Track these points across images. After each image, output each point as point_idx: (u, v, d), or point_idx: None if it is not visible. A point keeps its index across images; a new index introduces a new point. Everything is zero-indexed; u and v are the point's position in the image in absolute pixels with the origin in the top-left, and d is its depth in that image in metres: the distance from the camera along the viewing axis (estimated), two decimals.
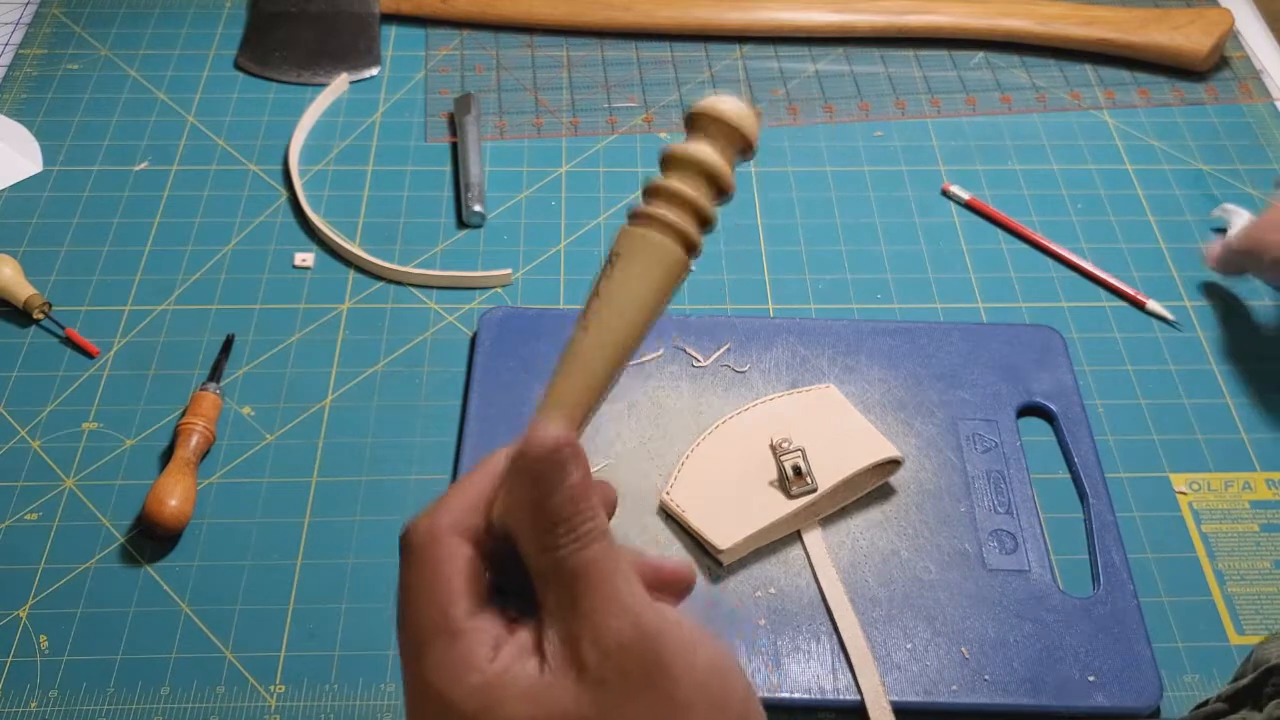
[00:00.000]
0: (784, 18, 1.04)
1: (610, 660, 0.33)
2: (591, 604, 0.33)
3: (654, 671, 0.33)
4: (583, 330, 0.37)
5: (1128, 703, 0.63)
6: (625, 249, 0.37)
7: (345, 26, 1.03)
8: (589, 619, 0.33)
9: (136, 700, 0.64)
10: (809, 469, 0.70)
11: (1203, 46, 1.00)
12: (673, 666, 0.33)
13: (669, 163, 0.38)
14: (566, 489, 0.34)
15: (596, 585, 0.33)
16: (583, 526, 0.34)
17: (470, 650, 0.34)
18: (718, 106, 0.37)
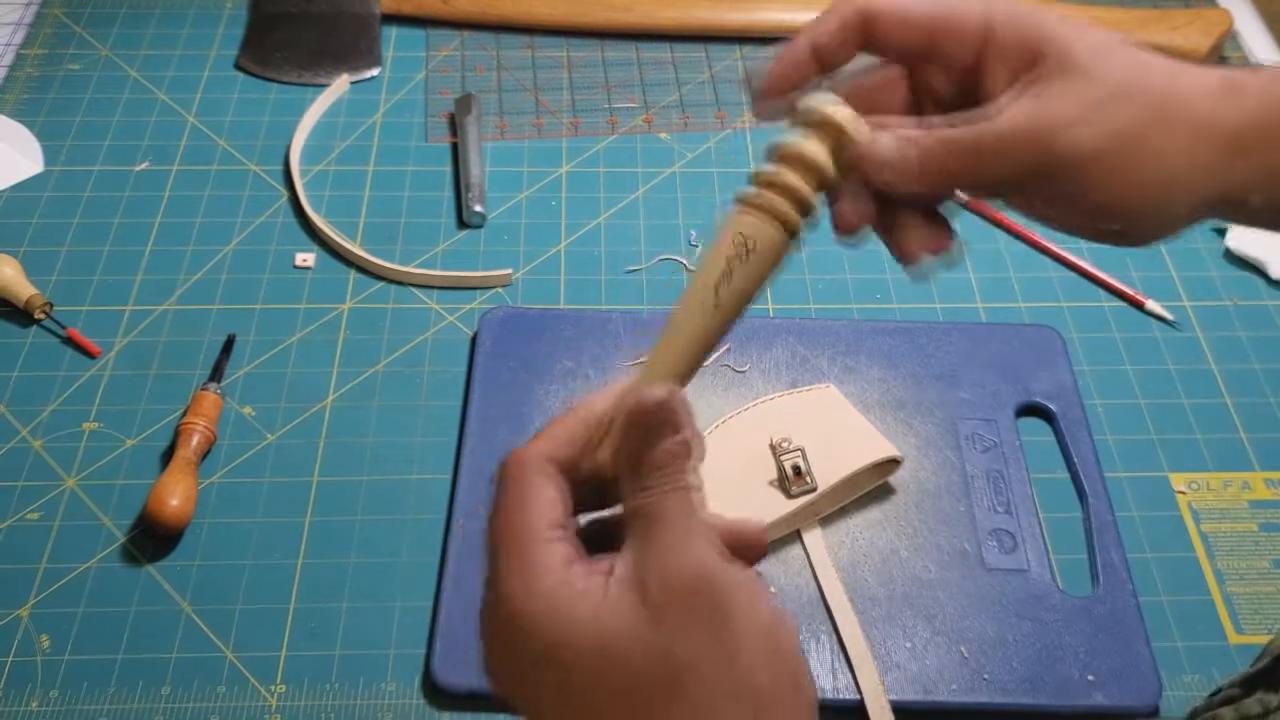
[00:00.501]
0: (784, 18, 1.04)
1: (672, 595, 0.34)
2: (665, 542, 0.35)
3: (716, 612, 0.34)
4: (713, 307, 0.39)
5: (1127, 702, 0.64)
6: (763, 247, 0.39)
7: (346, 27, 1.03)
8: (659, 555, 0.35)
9: (137, 700, 0.64)
10: (809, 469, 0.70)
11: (1202, 47, 1.00)
12: (734, 613, 0.34)
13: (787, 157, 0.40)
14: (671, 442, 0.36)
15: (672, 526, 0.35)
16: (675, 476, 0.36)
17: (541, 561, 0.35)
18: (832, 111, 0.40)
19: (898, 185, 0.41)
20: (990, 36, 0.41)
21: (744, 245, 0.39)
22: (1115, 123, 0.39)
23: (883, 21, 0.42)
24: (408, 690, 0.65)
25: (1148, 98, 0.39)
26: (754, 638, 0.34)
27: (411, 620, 0.67)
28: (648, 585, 0.34)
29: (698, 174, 0.93)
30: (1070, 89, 0.39)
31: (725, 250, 0.39)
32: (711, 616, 0.34)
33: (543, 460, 0.38)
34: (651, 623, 0.34)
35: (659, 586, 0.34)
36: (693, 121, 0.98)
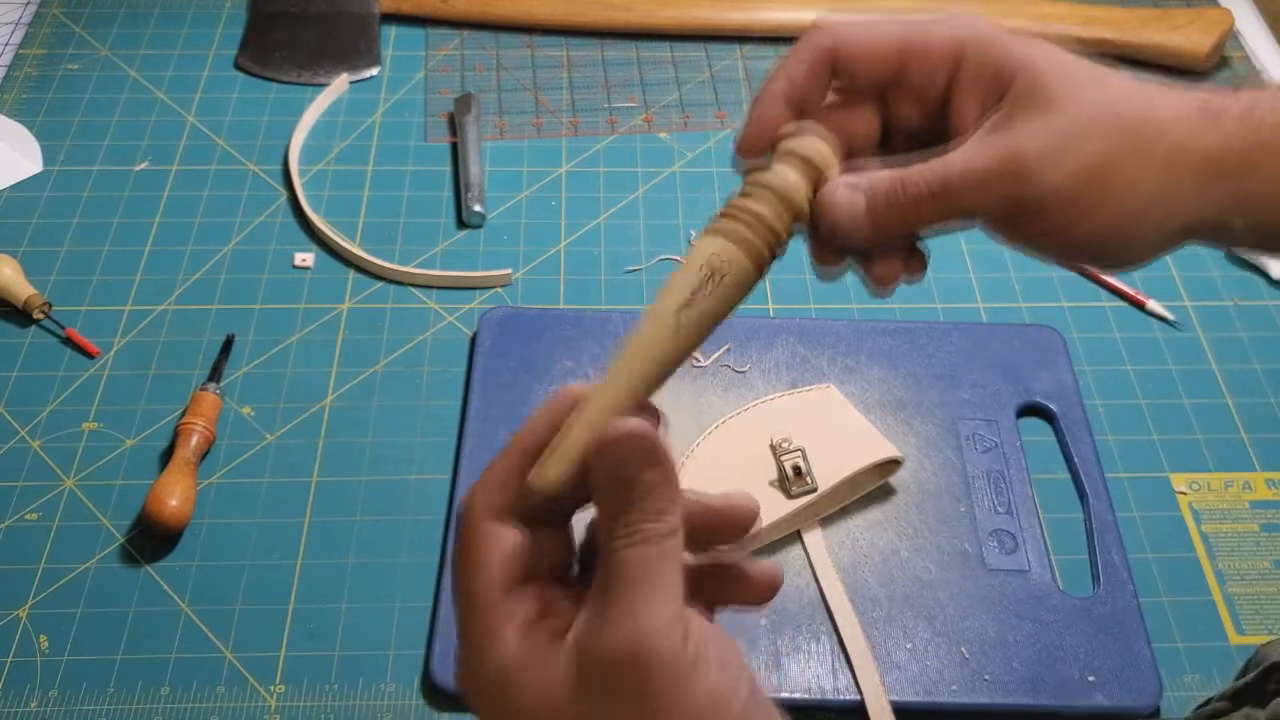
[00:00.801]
0: (784, 18, 1.04)
1: (602, 669, 0.33)
2: (611, 606, 0.33)
3: (640, 693, 0.32)
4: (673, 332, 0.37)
5: (1128, 703, 0.63)
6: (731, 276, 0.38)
7: (345, 26, 1.03)
8: (603, 620, 0.33)
9: (136, 700, 0.64)
10: (809, 469, 0.70)
11: (1203, 46, 1.00)
12: (657, 694, 0.32)
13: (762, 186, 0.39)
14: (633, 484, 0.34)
15: (624, 588, 0.33)
16: (643, 525, 0.34)
17: (496, 629, 0.34)
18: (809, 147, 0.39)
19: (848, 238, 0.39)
20: (959, 65, 0.40)
21: (712, 272, 0.38)
22: (1086, 157, 0.37)
23: (849, 53, 0.40)
24: (407, 691, 0.65)
25: (1120, 126, 0.38)
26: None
27: (411, 621, 0.67)
28: (587, 656, 0.33)
29: (698, 174, 0.93)
30: (1039, 122, 0.38)
31: (692, 276, 0.38)
32: (636, 698, 0.32)
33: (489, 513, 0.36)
34: (583, 701, 0.33)
35: (591, 660, 0.33)
36: (693, 121, 0.98)
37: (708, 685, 0.33)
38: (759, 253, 0.38)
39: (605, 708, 0.33)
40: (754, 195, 0.39)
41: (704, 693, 0.33)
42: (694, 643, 0.33)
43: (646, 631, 0.32)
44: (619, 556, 0.33)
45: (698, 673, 0.33)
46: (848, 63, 0.40)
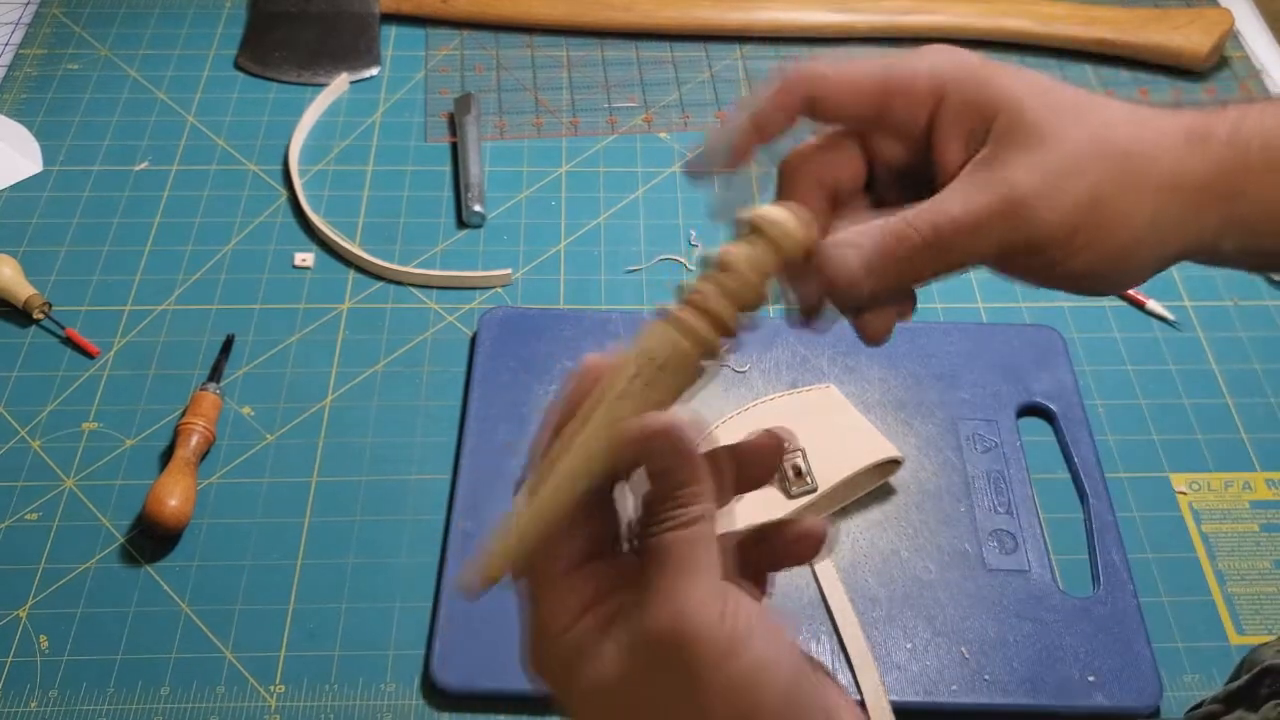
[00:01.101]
0: (784, 18, 1.04)
1: (646, 648, 0.34)
2: (652, 587, 0.35)
3: (682, 671, 0.34)
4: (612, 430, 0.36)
5: (1128, 703, 0.63)
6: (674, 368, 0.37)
7: (345, 26, 1.03)
8: (645, 602, 0.35)
9: (136, 700, 0.64)
10: (809, 469, 0.70)
11: (1203, 46, 1.00)
12: (700, 668, 0.33)
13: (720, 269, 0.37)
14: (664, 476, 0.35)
15: (661, 570, 0.35)
16: (674, 512, 0.35)
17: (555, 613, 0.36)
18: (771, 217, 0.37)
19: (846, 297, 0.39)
20: (941, 101, 0.39)
21: (652, 365, 0.37)
22: (1079, 194, 0.37)
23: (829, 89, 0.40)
24: (407, 691, 0.65)
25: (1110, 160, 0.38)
26: (721, 697, 0.34)
27: (411, 621, 0.67)
28: (633, 636, 0.35)
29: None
30: (1027, 161, 0.37)
31: (633, 369, 0.37)
32: (679, 674, 0.34)
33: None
34: (632, 678, 0.35)
35: (636, 640, 0.34)
36: (693, 121, 0.98)
37: (751, 657, 0.34)
38: (708, 343, 0.37)
39: (653, 684, 0.34)
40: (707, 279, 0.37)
41: (747, 664, 0.34)
42: (732, 617, 0.34)
43: (684, 609, 0.34)
44: (654, 542, 0.35)
45: (738, 646, 0.34)
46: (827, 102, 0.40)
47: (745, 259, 0.37)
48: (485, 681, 0.64)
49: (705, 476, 0.36)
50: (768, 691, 0.34)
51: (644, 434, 0.35)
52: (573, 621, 0.36)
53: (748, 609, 0.35)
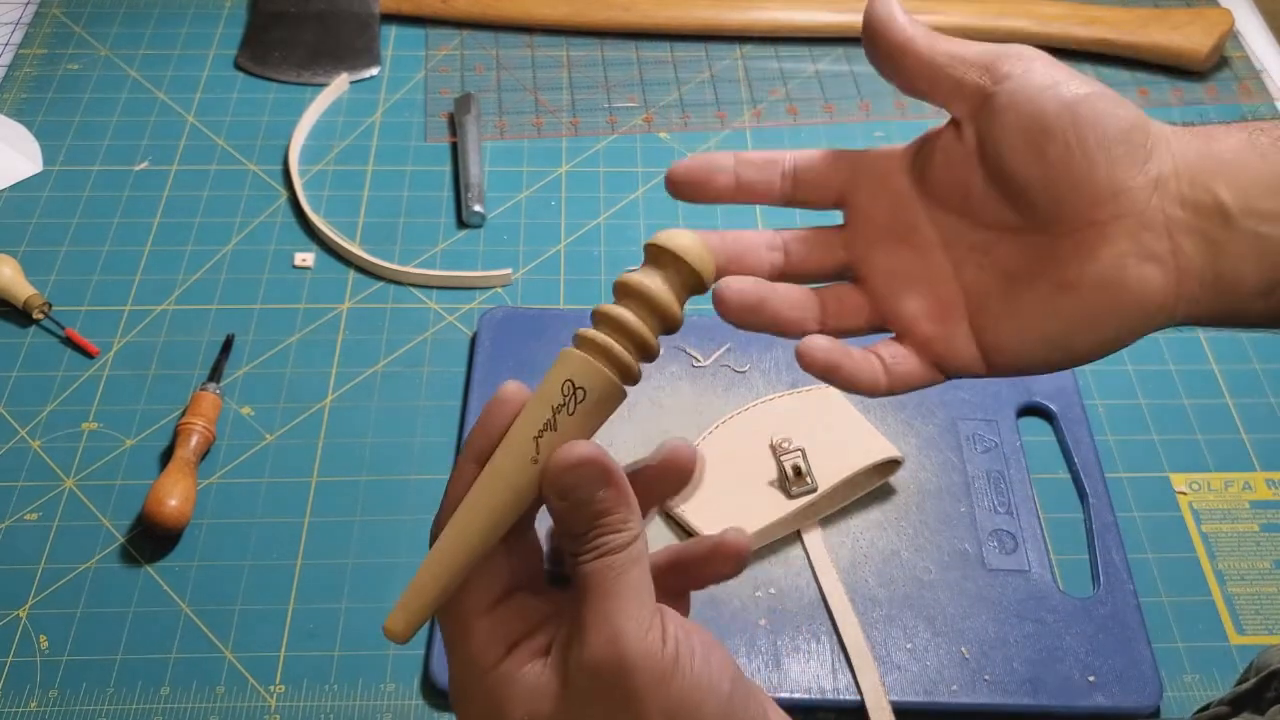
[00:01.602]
0: (784, 18, 1.04)
1: (585, 677, 0.34)
2: (586, 616, 0.34)
3: (622, 695, 0.34)
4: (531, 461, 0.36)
5: (1128, 703, 0.63)
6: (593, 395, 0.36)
7: (345, 26, 1.03)
8: (580, 632, 0.34)
9: (136, 700, 0.64)
10: (809, 469, 0.70)
11: (1203, 46, 1.00)
12: (641, 694, 0.34)
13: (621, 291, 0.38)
14: (590, 504, 0.35)
15: (595, 598, 0.34)
16: (604, 539, 0.35)
17: (478, 650, 0.36)
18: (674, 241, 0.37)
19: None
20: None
21: (573, 393, 0.36)
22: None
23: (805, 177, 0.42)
24: (407, 691, 0.65)
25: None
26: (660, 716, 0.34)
27: None
28: (567, 667, 0.35)
29: None
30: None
31: (552, 398, 0.36)
32: (620, 702, 0.34)
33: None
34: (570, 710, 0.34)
35: (575, 672, 0.34)
36: (693, 121, 0.98)
37: (691, 678, 0.34)
38: (626, 367, 0.37)
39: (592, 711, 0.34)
40: (620, 302, 0.37)
41: (688, 685, 0.34)
42: (672, 640, 0.34)
43: (623, 635, 0.34)
44: (586, 570, 0.35)
45: (680, 667, 0.34)
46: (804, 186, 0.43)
47: (661, 283, 0.37)
48: None
49: (633, 502, 0.36)
50: (708, 706, 0.34)
51: (571, 463, 0.35)
52: (500, 658, 0.36)
53: (684, 629, 0.35)
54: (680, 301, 0.38)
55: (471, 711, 0.36)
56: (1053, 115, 0.37)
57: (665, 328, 0.38)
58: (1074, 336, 0.39)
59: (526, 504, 0.36)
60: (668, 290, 0.37)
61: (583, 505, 0.35)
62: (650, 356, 0.38)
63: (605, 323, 0.37)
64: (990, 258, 0.40)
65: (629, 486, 0.36)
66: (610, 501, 0.35)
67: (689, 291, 0.38)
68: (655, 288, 0.37)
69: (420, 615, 0.36)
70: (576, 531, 0.35)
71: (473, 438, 0.37)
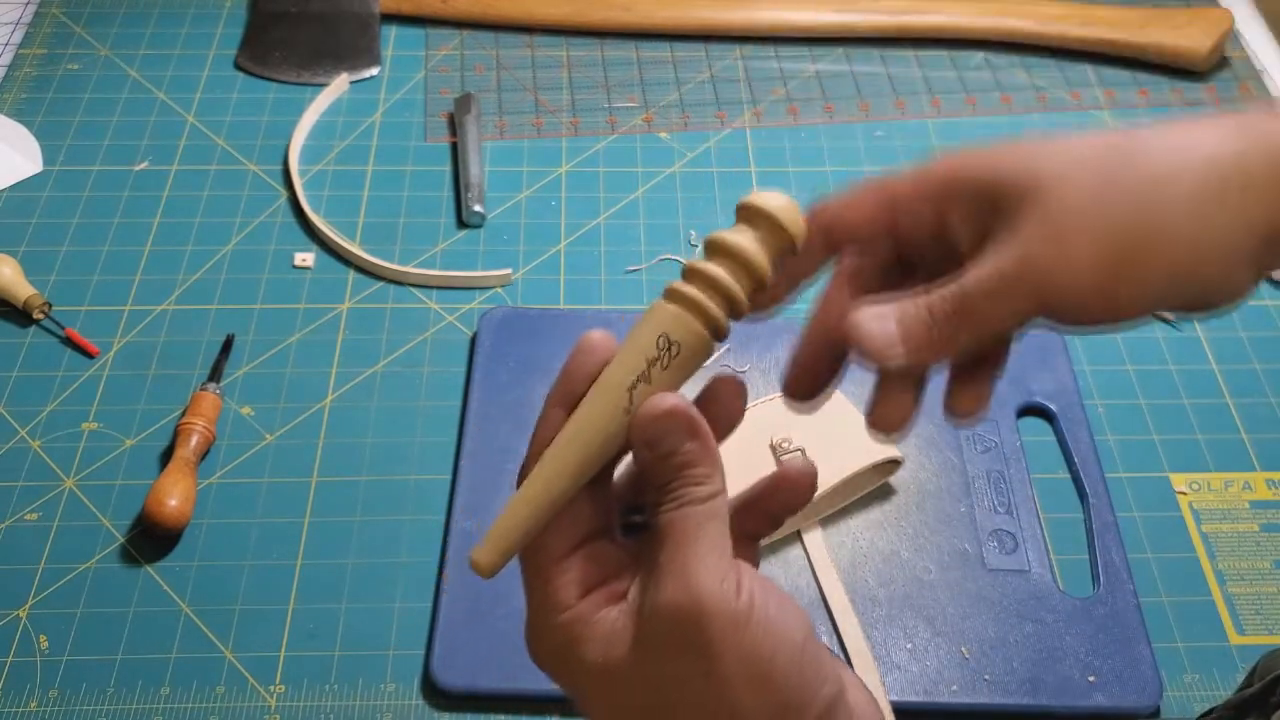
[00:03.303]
0: (784, 18, 1.04)
1: (660, 622, 0.35)
2: (664, 567, 0.35)
3: (697, 641, 0.34)
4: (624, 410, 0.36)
5: (1128, 703, 0.63)
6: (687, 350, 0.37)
7: (345, 26, 1.03)
8: (657, 578, 0.35)
9: (136, 700, 0.64)
10: None
11: (1203, 46, 1.00)
12: (716, 640, 0.34)
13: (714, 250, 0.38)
14: (675, 456, 0.36)
15: (674, 546, 0.35)
16: (679, 490, 0.36)
17: (556, 592, 0.36)
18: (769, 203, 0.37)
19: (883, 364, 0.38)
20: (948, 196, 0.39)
21: (667, 347, 0.37)
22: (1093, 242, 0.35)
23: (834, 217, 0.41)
24: (407, 691, 0.65)
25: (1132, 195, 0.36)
26: (737, 665, 0.34)
27: (411, 621, 0.67)
28: (644, 615, 0.35)
29: (698, 174, 0.93)
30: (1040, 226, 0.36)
31: (646, 350, 0.37)
32: (695, 647, 0.34)
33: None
34: (645, 655, 0.35)
35: (651, 617, 0.35)
36: (693, 121, 0.98)
37: (765, 627, 0.35)
38: (719, 323, 0.37)
39: (667, 660, 0.35)
40: (712, 259, 0.37)
41: (761, 634, 0.34)
42: (746, 591, 0.35)
43: (699, 585, 0.34)
44: (667, 519, 0.36)
45: (754, 617, 0.35)
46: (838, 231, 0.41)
47: (751, 240, 0.37)
48: (485, 681, 0.64)
49: (717, 459, 0.37)
50: (781, 656, 0.35)
51: (660, 414, 0.36)
52: (575, 601, 0.36)
53: (758, 582, 0.36)
54: (772, 260, 0.38)
55: (543, 651, 0.37)
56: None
57: (755, 286, 0.38)
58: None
59: (614, 451, 0.37)
60: (760, 249, 0.37)
61: (669, 456, 0.36)
62: (740, 314, 0.38)
63: (697, 278, 0.37)
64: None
65: (715, 443, 0.37)
66: (695, 454, 0.36)
67: (779, 253, 0.38)
68: (748, 245, 0.37)
69: (507, 551, 0.36)
70: (661, 482, 0.36)
71: (559, 384, 0.38)
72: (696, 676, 0.34)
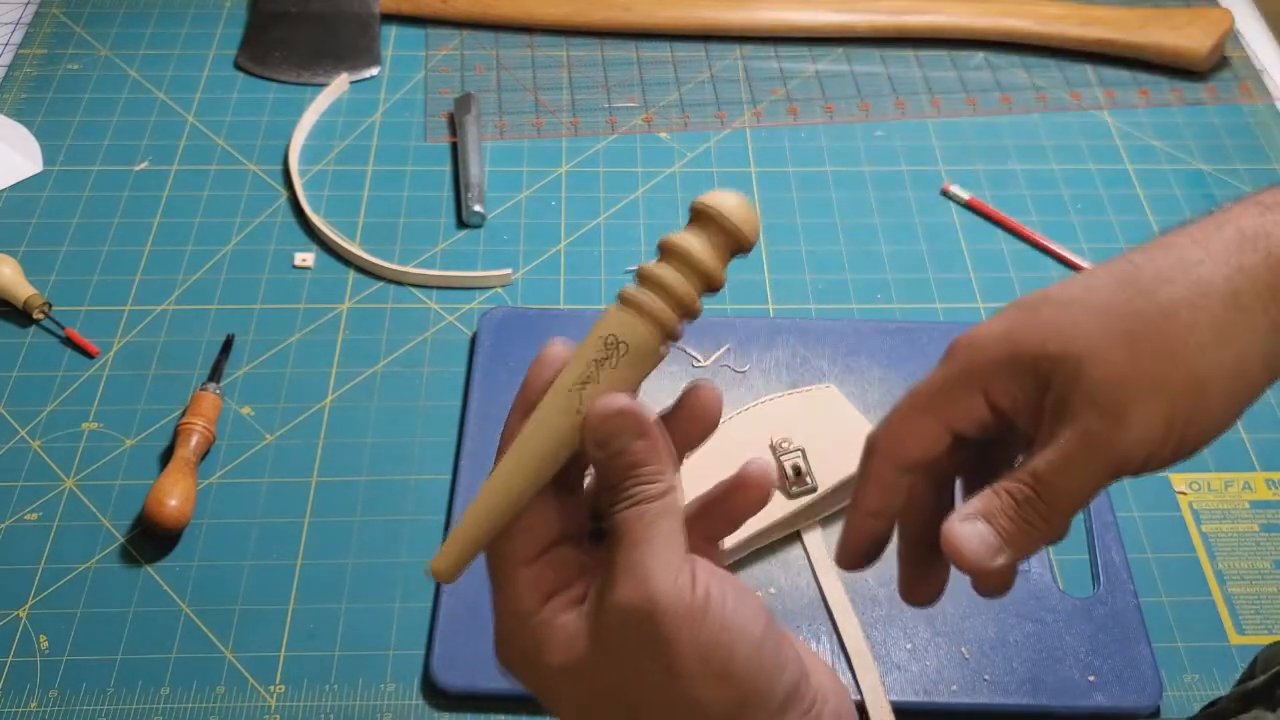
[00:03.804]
0: (784, 18, 1.04)
1: (617, 621, 0.35)
2: (619, 563, 0.35)
3: (654, 638, 0.34)
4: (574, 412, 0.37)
5: (1128, 703, 0.63)
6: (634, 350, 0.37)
7: (345, 26, 1.03)
8: (613, 578, 0.35)
9: (136, 700, 0.64)
10: (809, 469, 0.70)
11: (1203, 46, 1.00)
12: (672, 636, 0.34)
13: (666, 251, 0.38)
14: (625, 455, 0.36)
15: (628, 545, 0.35)
16: (632, 488, 0.36)
17: (519, 598, 0.37)
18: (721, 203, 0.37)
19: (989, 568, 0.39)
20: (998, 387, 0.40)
21: (615, 346, 0.37)
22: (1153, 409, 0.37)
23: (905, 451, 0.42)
24: (407, 691, 0.65)
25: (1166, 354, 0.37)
26: (696, 660, 0.34)
27: (411, 621, 0.67)
28: (601, 616, 0.35)
29: (698, 174, 0.93)
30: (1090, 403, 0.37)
31: (595, 352, 0.37)
32: (652, 644, 0.34)
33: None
34: (605, 655, 0.35)
35: (608, 618, 0.35)
36: (693, 121, 0.98)
37: (722, 621, 0.35)
38: (668, 323, 0.37)
39: (627, 659, 0.35)
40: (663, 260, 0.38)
41: (719, 628, 0.35)
42: (702, 585, 0.35)
43: (652, 579, 0.34)
44: (620, 519, 0.36)
45: (710, 611, 0.35)
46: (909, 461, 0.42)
47: (703, 243, 0.37)
48: (485, 681, 0.64)
49: (666, 453, 0.37)
50: (740, 648, 0.35)
51: (609, 414, 0.36)
52: (538, 606, 0.37)
53: (715, 575, 0.36)
54: (723, 261, 0.38)
55: (512, 656, 0.38)
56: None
57: (707, 287, 0.38)
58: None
59: (567, 454, 0.37)
60: (710, 250, 0.37)
61: (619, 455, 0.36)
62: (692, 315, 0.38)
63: (647, 280, 0.37)
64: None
65: (665, 441, 0.37)
66: (645, 453, 0.36)
67: (732, 252, 0.38)
68: (697, 247, 0.37)
69: (464, 558, 0.37)
70: (613, 481, 0.36)
71: (519, 395, 0.39)
72: (656, 673, 0.35)
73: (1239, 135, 0.97)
